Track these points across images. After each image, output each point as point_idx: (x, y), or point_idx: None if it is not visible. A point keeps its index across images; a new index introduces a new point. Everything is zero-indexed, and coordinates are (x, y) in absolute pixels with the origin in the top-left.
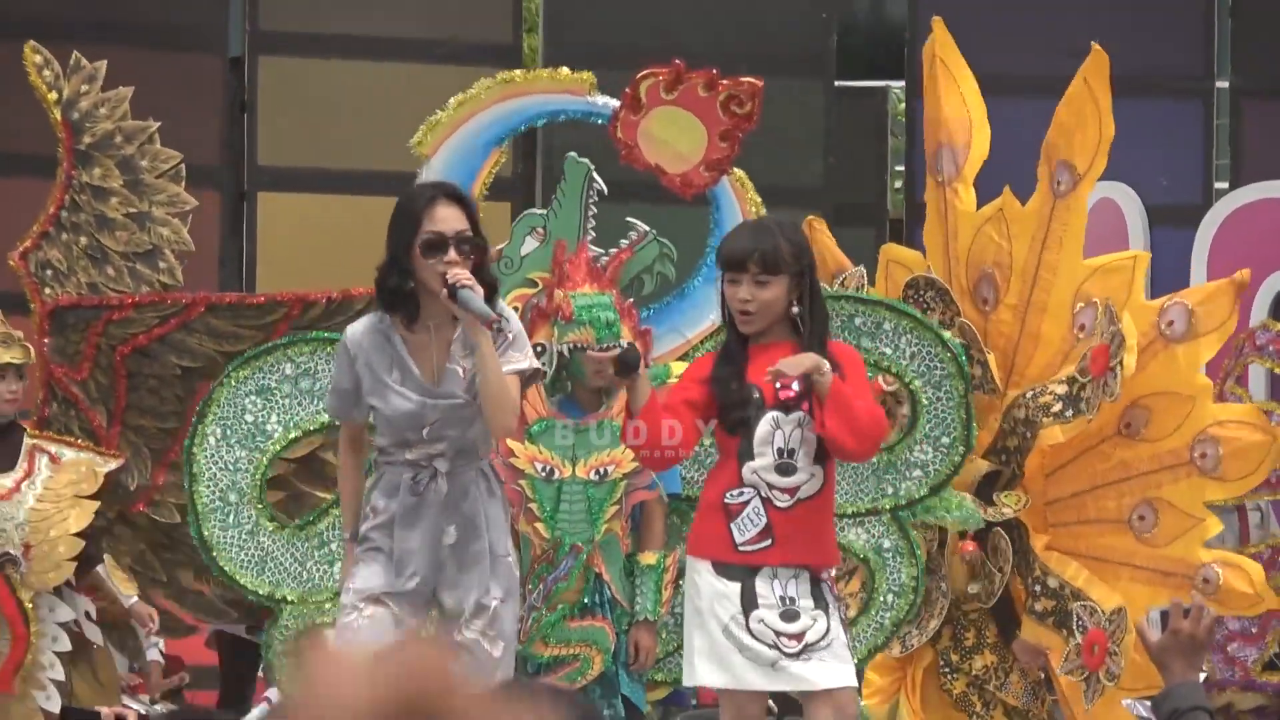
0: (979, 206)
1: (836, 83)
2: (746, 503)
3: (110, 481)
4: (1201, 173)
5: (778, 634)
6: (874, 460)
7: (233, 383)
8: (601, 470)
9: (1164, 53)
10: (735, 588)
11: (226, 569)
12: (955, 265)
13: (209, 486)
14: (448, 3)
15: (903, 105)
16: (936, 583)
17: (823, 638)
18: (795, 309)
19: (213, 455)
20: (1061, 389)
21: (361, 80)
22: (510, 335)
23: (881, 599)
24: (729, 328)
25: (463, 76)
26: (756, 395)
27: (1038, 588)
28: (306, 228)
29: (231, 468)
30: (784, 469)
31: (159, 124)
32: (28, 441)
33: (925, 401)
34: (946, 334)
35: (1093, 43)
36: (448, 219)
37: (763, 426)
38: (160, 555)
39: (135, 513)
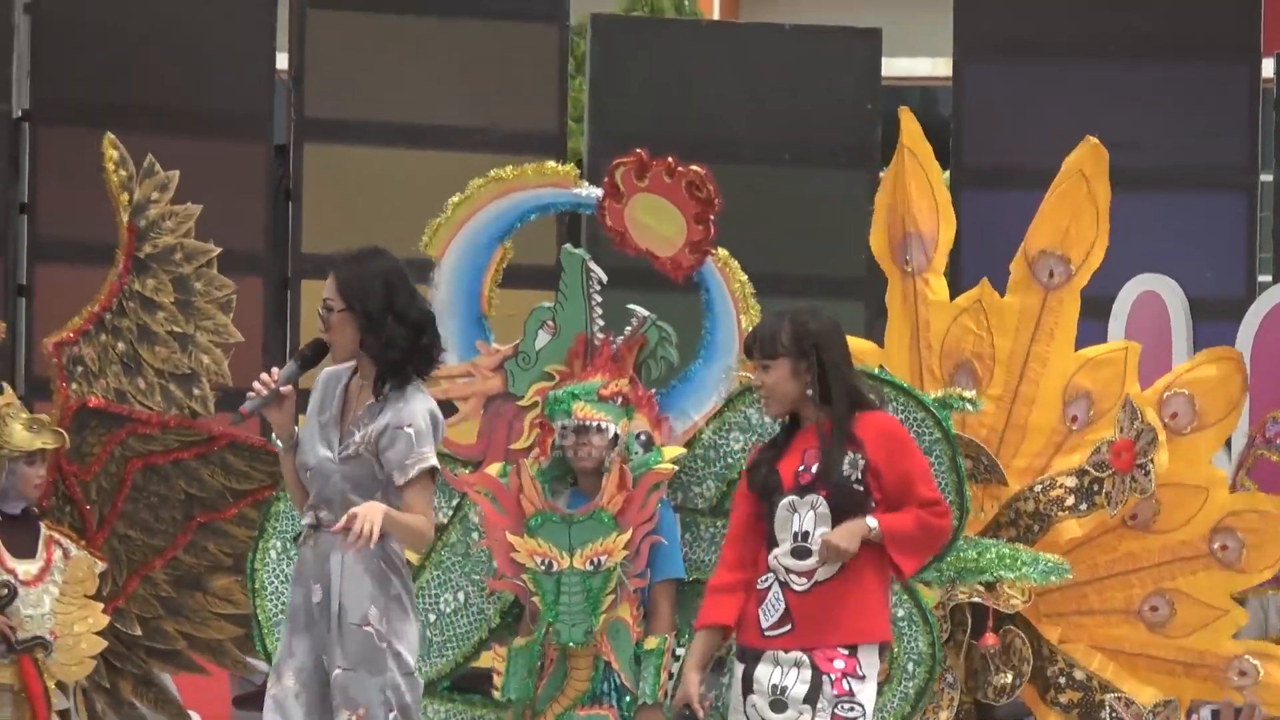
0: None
1: (880, 174)
2: (769, 588)
3: None
4: (1245, 266)
5: None
6: None
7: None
8: (596, 560)
9: (1207, 146)
10: (741, 669)
11: None
12: (928, 355)
13: (272, 601)
14: (493, 91)
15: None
16: (942, 674)
17: None
18: (810, 390)
19: (274, 569)
20: (1071, 481)
21: (406, 168)
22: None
23: (903, 669)
24: None
25: (506, 165)
26: (776, 480)
27: (1062, 680)
28: None
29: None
30: (799, 553)
31: (219, 250)
32: (45, 531)
33: None
34: (928, 398)
35: (1089, 136)
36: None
37: (781, 511)
38: (109, 662)
39: None
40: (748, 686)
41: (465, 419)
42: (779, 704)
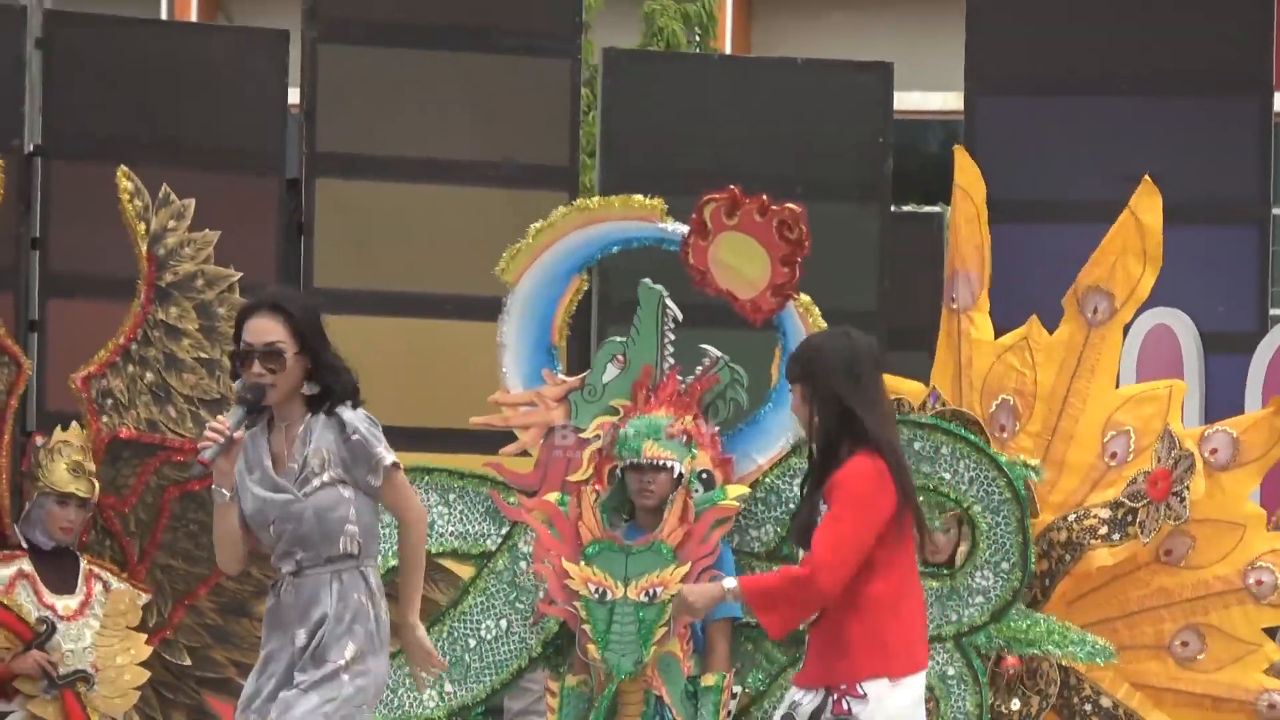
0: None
1: (892, 208)
2: None
3: None
4: (1256, 300)
5: None
6: (936, 586)
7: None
8: (651, 591)
9: (1219, 179)
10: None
11: None
12: (969, 393)
13: None
14: (504, 126)
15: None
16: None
17: None
18: (815, 419)
19: None
20: (1105, 512)
21: (418, 202)
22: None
23: None
24: None
25: (519, 200)
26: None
27: (1088, 707)
28: (363, 349)
29: None
30: None
31: (240, 274)
32: (84, 566)
33: (984, 527)
34: (1003, 458)
35: (1145, 175)
36: (258, 330)
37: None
38: (160, 694)
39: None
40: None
41: (524, 448)
42: (788, 718)
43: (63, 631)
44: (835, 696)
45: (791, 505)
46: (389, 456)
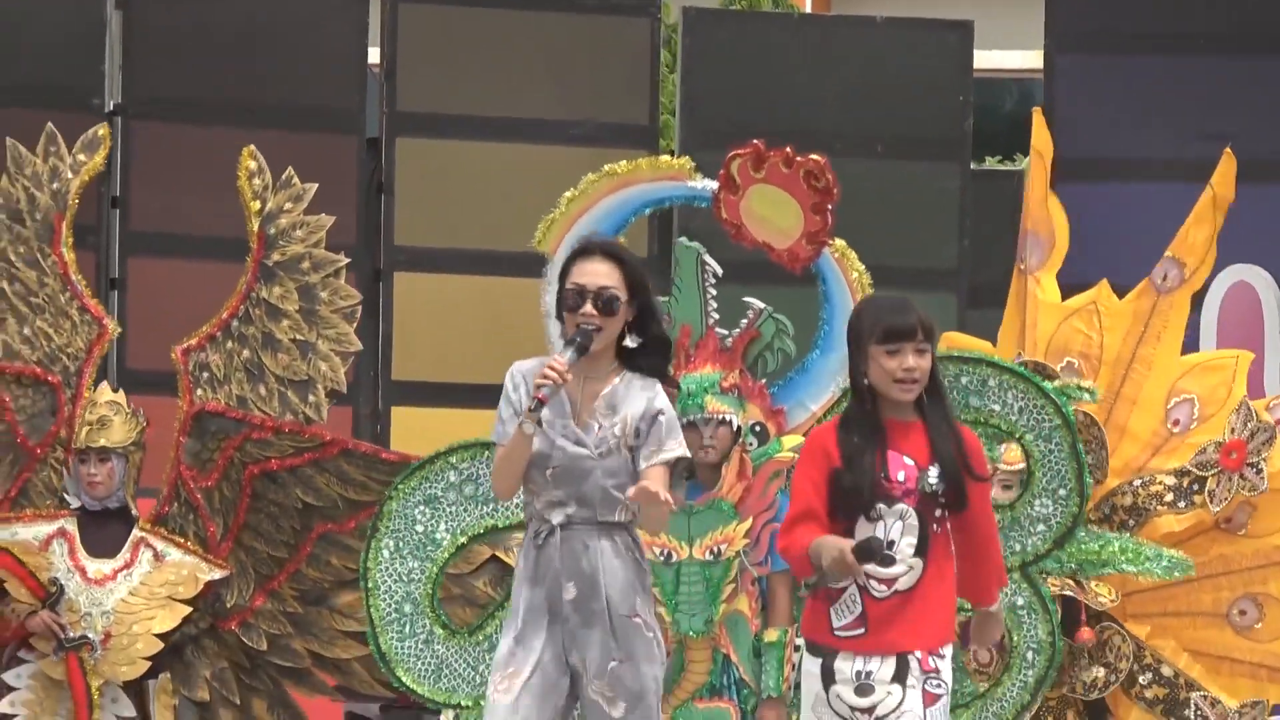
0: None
1: (972, 166)
2: (844, 589)
3: (209, 591)
4: None
5: (852, 709)
6: (997, 518)
7: (401, 495)
8: (715, 549)
9: None
10: (818, 663)
11: (405, 680)
12: (1033, 354)
13: (385, 600)
14: (584, 85)
15: None
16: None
17: (894, 710)
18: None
19: (387, 568)
20: (1170, 480)
21: (498, 161)
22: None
23: (1022, 656)
24: (858, 403)
25: (599, 158)
26: (882, 489)
27: (1149, 675)
28: (442, 308)
29: (405, 579)
30: (883, 560)
31: (348, 260)
32: (136, 533)
33: (1038, 455)
34: (1049, 385)
35: (1225, 148)
36: (592, 273)
37: (865, 519)
38: (239, 678)
39: (225, 630)
40: (829, 678)
41: None
42: (865, 688)
43: (85, 594)
44: (921, 656)
45: None
46: (675, 451)
